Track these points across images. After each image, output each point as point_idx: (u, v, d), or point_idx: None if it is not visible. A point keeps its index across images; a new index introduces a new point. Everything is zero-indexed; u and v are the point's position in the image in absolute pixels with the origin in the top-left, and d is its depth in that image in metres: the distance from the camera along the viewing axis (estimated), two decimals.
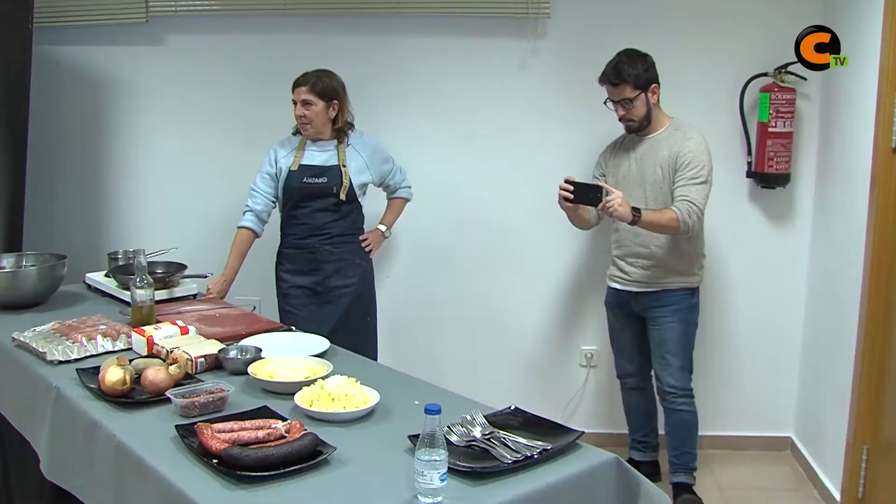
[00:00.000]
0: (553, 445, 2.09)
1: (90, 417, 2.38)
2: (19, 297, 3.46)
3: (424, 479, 1.82)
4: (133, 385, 2.46)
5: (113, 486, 2.25)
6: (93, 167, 4.57)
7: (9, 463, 3.32)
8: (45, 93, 4.32)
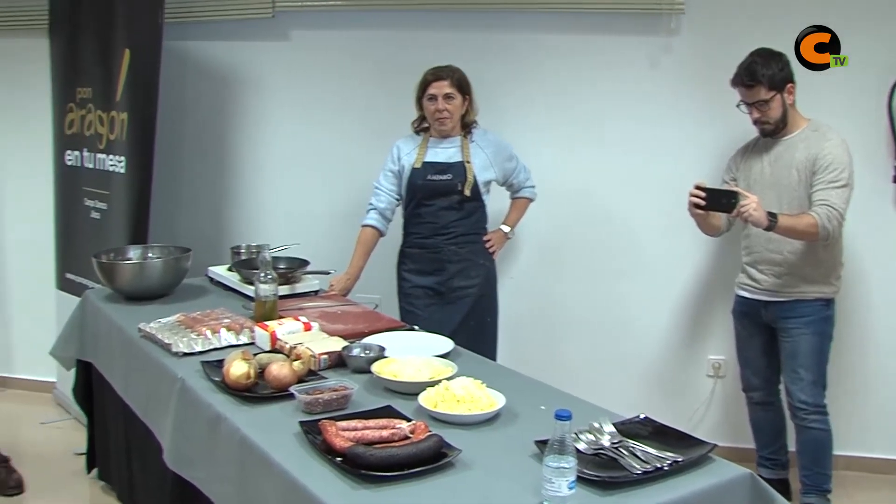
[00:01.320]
0: (684, 458, 2.03)
1: (214, 410, 2.44)
2: (145, 289, 3.59)
3: (552, 486, 1.80)
4: (257, 380, 2.51)
5: (236, 479, 2.30)
6: (217, 161, 4.69)
7: (132, 452, 3.44)
8: (172, 88, 4.45)
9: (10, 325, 5.45)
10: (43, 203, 5.01)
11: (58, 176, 4.89)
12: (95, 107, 4.52)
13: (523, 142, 4.13)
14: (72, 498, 4.00)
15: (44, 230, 5.03)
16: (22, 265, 5.35)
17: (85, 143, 4.62)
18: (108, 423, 3.73)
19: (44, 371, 5.25)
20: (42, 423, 4.90)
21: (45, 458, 4.36)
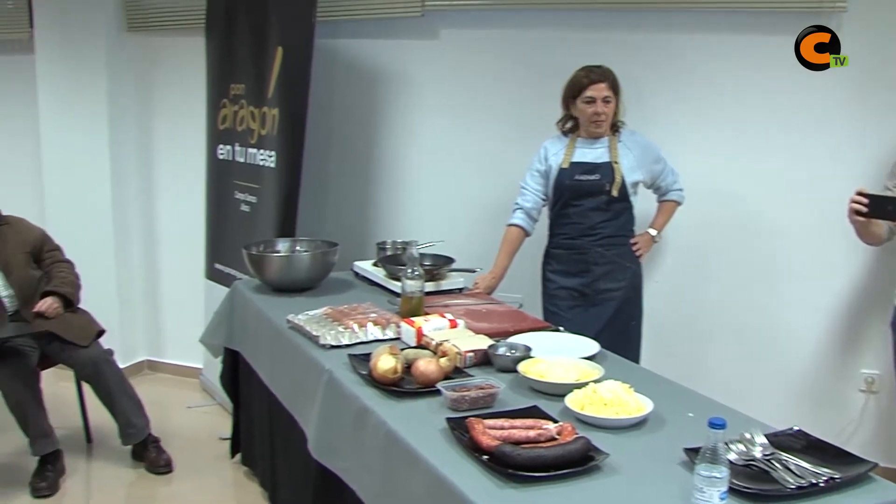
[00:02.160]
0: (841, 475, 1.96)
1: (361, 403, 2.49)
2: (292, 281, 3.69)
3: (703, 496, 1.77)
4: (403, 374, 2.55)
5: (380, 471, 2.34)
6: (364, 157, 4.78)
7: (276, 440, 3.53)
8: (322, 85, 4.54)
9: (161, 312, 5.70)
10: (195, 196, 5.22)
11: (210, 170, 5.07)
12: (248, 103, 4.66)
13: (671, 143, 4.05)
14: (216, 480, 4.15)
15: (195, 222, 5.24)
16: (173, 255, 5.59)
17: (237, 137, 4.77)
18: (253, 411, 3.85)
19: (191, 357, 5.47)
20: (189, 408, 5.10)
21: (190, 441, 4.55)
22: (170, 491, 4.08)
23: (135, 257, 5.60)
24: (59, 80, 5.38)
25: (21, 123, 5.70)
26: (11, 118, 5.80)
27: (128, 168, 5.46)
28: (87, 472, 4.31)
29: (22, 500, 3.94)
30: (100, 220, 5.41)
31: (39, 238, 4.42)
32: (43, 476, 4.02)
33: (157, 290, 5.69)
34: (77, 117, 5.36)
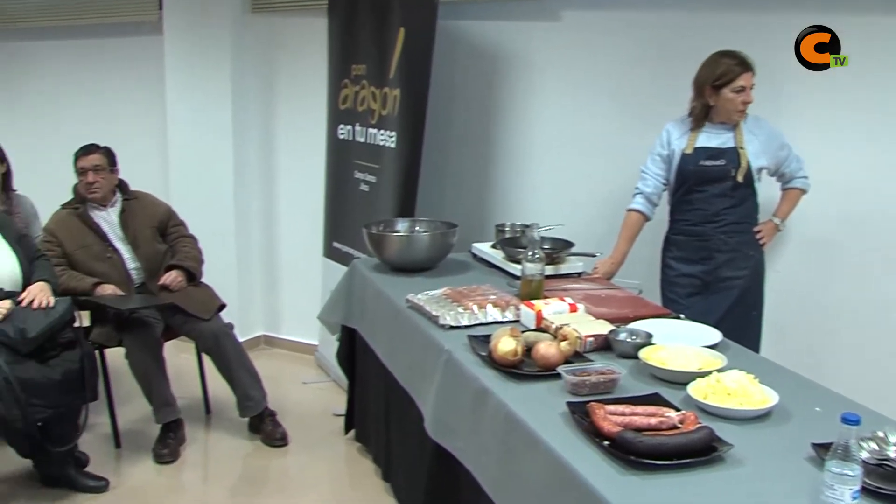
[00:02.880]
0: None
1: (480, 384, 2.51)
2: (411, 261, 3.74)
3: (833, 494, 1.73)
4: (523, 357, 2.55)
5: (498, 453, 2.36)
6: (483, 139, 4.79)
7: (391, 418, 3.59)
8: (443, 65, 4.56)
9: (279, 289, 5.83)
10: (314, 175, 5.31)
11: (330, 149, 5.15)
12: (369, 83, 4.71)
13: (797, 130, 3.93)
14: (329, 455, 4.24)
15: (314, 201, 5.34)
16: (292, 233, 5.71)
17: (357, 118, 4.84)
18: (369, 388, 3.92)
19: (307, 334, 5.59)
20: (304, 383, 5.21)
21: (305, 416, 4.65)
22: (284, 463, 4.18)
23: (254, 234, 5.74)
24: (185, 61, 5.55)
25: (149, 102, 5.90)
26: (140, 97, 6.01)
27: (250, 146, 5.60)
28: (205, 442, 4.45)
29: (146, 465, 4.11)
30: (222, 197, 5.56)
31: (166, 213, 4.58)
32: (165, 443, 4.17)
33: (275, 266, 5.82)
34: (202, 97, 5.53)
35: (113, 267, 4.28)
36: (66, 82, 6.46)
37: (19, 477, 3.92)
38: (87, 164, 4.32)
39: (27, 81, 6.69)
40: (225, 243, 5.51)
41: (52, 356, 3.59)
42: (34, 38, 6.56)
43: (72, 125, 6.14)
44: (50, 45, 6.50)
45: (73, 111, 6.38)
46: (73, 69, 6.40)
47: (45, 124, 6.53)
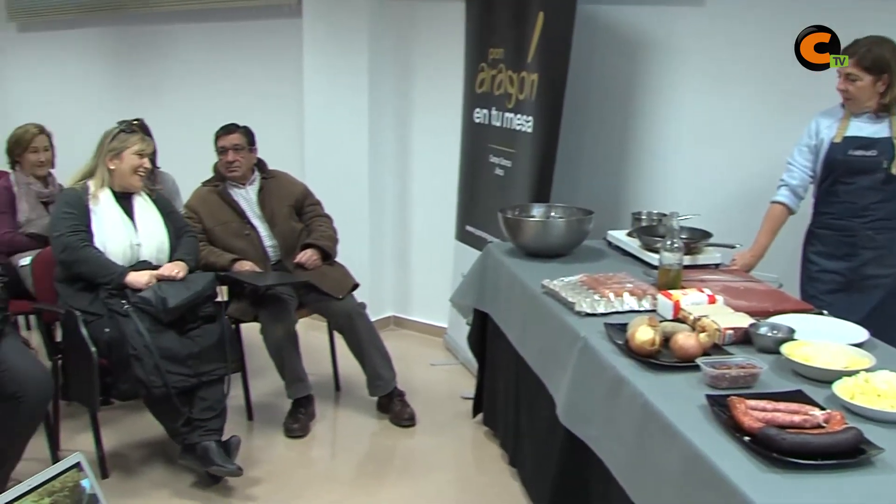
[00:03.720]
0: None
1: (616, 373, 2.49)
2: (547, 247, 3.74)
3: None
4: (661, 347, 2.52)
5: (632, 442, 2.34)
6: (621, 125, 4.74)
7: (521, 403, 3.59)
8: (581, 50, 4.51)
9: (410, 270, 5.91)
10: (448, 158, 5.35)
11: (465, 132, 5.18)
12: (506, 67, 4.72)
13: None
14: (456, 438, 4.28)
15: (447, 184, 5.38)
16: (425, 215, 5.77)
17: (494, 101, 4.84)
18: (499, 373, 3.93)
19: (437, 316, 5.64)
20: (432, 365, 5.27)
21: (433, 398, 4.70)
22: (411, 444, 4.24)
23: (388, 215, 5.82)
24: (323, 44, 5.67)
25: (287, 84, 6.05)
26: (279, 79, 6.16)
27: (385, 129, 5.68)
28: (334, 419, 4.55)
29: (277, 438, 4.23)
30: (356, 178, 5.66)
31: (302, 192, 4.69)
32: (296, 418, 4.28)
33: (407, 248, 5.89)
34: (339, 79, 5.63)
35: (250, 244, 4.41)
36: (206, 65, 6.68)
37: (158, 443, 4.09)
38: (227, 144, 4.46)
39: (170, 64, 6.94)
40: (358, 224, 5.61)
41: (193, 328, 3.74)
42: (176, 20, 6.82)
43: (212, 106, 6.34)
44: (191, 28, 6.74)
45: (214, 92, 6.60)
46: (214, 52, 6.61)
47: (186, 105, 6.77)
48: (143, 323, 3.60)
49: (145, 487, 3.76)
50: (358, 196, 5.66)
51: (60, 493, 2.05)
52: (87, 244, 3.74)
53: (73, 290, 3.76)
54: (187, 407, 3.68)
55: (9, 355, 3.41)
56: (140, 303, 3.65)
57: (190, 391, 3.69)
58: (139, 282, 3.71)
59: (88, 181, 3.90)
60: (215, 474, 3.68)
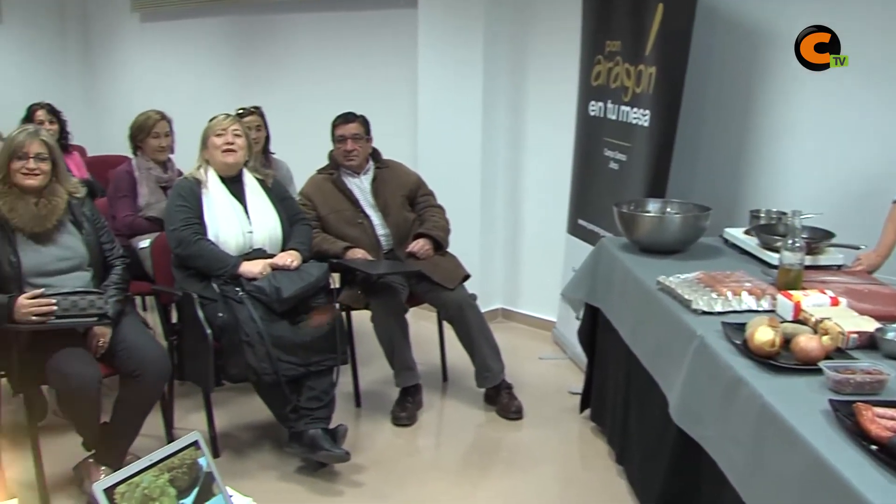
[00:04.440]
0: None
1: (734, 373, 2.43)
2: (662, 243, 3.69)
3: None
4: (780, 349, 2.46)
5: (749, 445, 2.29)
6: (740, 120, 4.61)
7: (631, 400, 3.55)
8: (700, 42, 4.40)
9: (520, 263, 5.89)
10: (562, 151, 5.31)
11: (580, 125, 5.13)
12: (623, 60, 4.65)
13: None
14: (562, 433, 4.25)
15: (560, 177, 5.34)
16: (536, 208, 5.74)
17: (609, 94, 4.79)
18: (608, 368, 3.89)
19: (546, 309, 5.62)
20: (540, 359, 5.24)
21: (540, 392, 4.68)
22: (517, 437, 4.23)
23: (499, 207, 5.81)
24: (438, 35, 5.69)
25: (401, 74, 6.10)
26: (393, 68, 6.22)
27: (498, 120, 5.67)
28: (441, 409, 4.57)
29: (383, 426, 4.29)
30: (468, 169, 5.67)
31: (415, 182, 4.72)
32: (403, 406, 4.32)
33: (517, 240, 5.88)
34: (453, 70, 5.64)
35: (363, 232, 4.45)
36: (321, 54, 6.78)
37: (266, 426, 4.18)
38: (346, 133, 4.51)
39: (285, 53, 7.07)
40: (469, 215, 5.61)
41: (304, 319, 3.80)
42: (292, 10, 6.95)
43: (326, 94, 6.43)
44: (307, 18, 6.87)
45: (328, 81, 6.70)
46: (329, 41, 6.70)
47: (301, 93, 6.89)
48: (257, 310, 3.68)
49: (254, 469, 3.85)
50: (469, 187, 5.67)
51: (179, 470, 2.10)
52: (200, 237, 3.84)
53: (188, 274, 3.87)
54: (296, 395, 3.74)
55: (129, 334, 3.53)
56: (254, 291, 3.73)
57: (299, 380, 3.76)
58: (253, 271, 3.79)
59: (199, 170, 4.01)
60: (323, 461, 3.73)
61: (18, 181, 3.46)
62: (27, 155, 3.45)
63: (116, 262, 3.72)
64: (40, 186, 3.49)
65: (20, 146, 3.46)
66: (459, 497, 3.66)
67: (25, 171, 3.45)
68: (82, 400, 3.36)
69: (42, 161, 3.48)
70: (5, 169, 3.47)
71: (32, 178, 3.46)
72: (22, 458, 3.57)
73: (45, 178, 3.51)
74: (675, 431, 2.81)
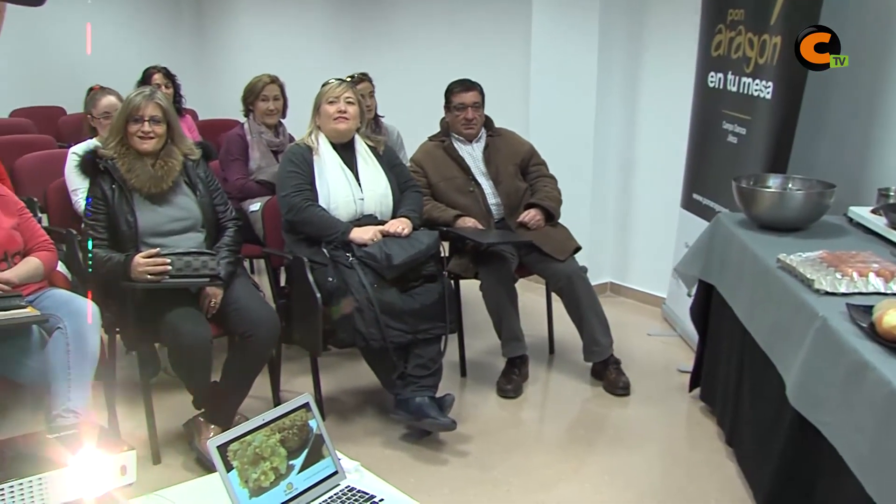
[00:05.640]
0: None
1: (859, 357, 2.33)
2: (782, 220, 3.57)
3: None
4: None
5: (874, 433, 2.20)
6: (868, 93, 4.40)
7: (744, 381, 3.46)
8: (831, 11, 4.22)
9: (631, 237, 5.80)
10: (678, 122, 5.18)
11: (697, 97, 5.00)
12: (746, 29, 4.49)
13: None
14: (670, 411, 4.17)
15: (675, 150, 5.22)
16: (649, 181, 5.64)
17: (730, 65, 4.64)
18: (721, 347, 3.80)
19: (655, 285, 5.54)
20: (649, 335, 5.16)
21: (647, 369, 4.62)
22: (623, 414, 4.17)
23: (610, 179, 5.73)
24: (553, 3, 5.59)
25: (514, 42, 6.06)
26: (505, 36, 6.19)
27: (612, 89, 5.57)
28: (546, 382, 4.54)
29: (488, 397, 4.29)
30: (581, 139, 5.59)
31: (528, 151, 4.67)
32: (509, 378, 4.30)
33: (628, 213, 5.78)
34: (568, 38, 5.57)
35: (474, 201, 4.43)
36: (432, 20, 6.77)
37: (371, 392, 4.23)
38: (466, 100, 4.49)
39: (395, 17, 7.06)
40: (580, 186, 5.54)
41: (414, 286, 3.80)
42: None
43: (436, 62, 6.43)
44: None
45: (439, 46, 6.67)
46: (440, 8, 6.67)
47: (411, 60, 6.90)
48: (367, 276, 3.69)
49: (359, 434, 3.89)
50: (581, 158, 5.59)
51: (290, 431, 2.12)
52: (310, 203, 3.87)
53: (298, 238, 3.91)
54: (402, 362, 3.76)
55: (241, 296, 3.59)
56: (365, 257, 3.74)
57: (406, 347, 3.77)
58: (363, 238, 3.81)
59: (310, 136, 4.03)
60: (427, 428, 3.75)
61: (135, 145, 3.55)
62: (142, 118, 3.54)
63: (229, 223, 3.79)
64: (155, 150, 3.57)
65: (136, 109, 3.55)
66: (565, 472, 3.62)
67: (141, 135, 3.54)
68: (193, 359, 3.43)
69: (157, 124, 3.56)
70: (122, 131, 3.56)
71: (147, 141, 3.55)
72: (134, 413, 3.68)
73: (160, 142, 3.59)
74: (792, 415, 2.72)
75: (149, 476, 3.16)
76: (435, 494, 3.36)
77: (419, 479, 3.50)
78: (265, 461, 2.03)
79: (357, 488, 2.18)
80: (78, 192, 4.13)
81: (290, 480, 2.08)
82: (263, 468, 2.02)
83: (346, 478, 2.22)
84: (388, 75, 5.60)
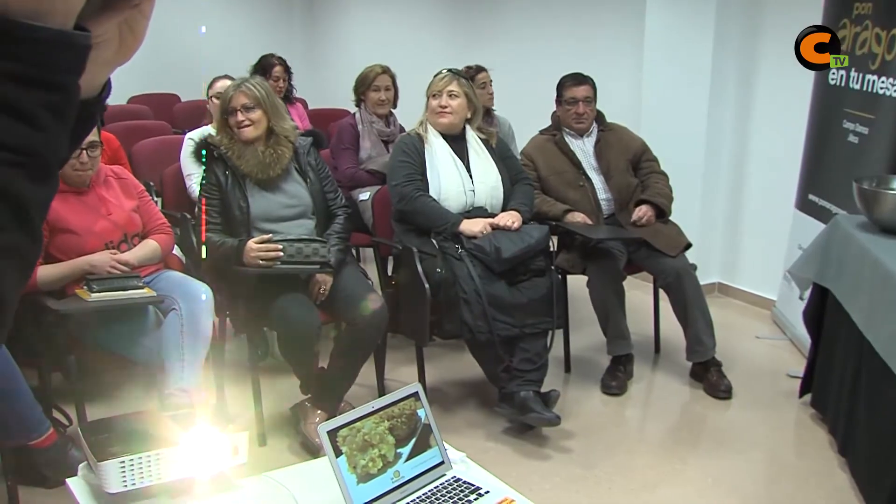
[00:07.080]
0: None
1: None
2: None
3: None
4: None
5: None
6: None
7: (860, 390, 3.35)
8: None
9: (741, 236, 5.68)
10: (794, 121, 5.04)
11: (817, 94, 4.85)
12: (873, 24, 4.34)
13: None
14: (776, 417, 4.07)
15: (790, 148, 5.08)
16: (762, 180, 5.51)
17: (854, 62, 4.47)
18: (835, 353, 3.69)
19: (766, 287, 5.41)
20: (757, 338, 5.05)
21: (754, 372, 4.52)
22: (726, 417, 4.09)
23: (722, 177, 5.62)
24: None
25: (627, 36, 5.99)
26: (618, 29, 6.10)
27: (727, 85, 5.45)
28: (651, 381, 4.49)
29: (592, 394, 4.26)
30: (693, 136, 5.49)
31: (640, 147, 4.61)
32: (614, 375, 4.26)
33: (739, 213, 5.66)
34: (682, 33, 5.48)
35: (584, 195, 4.39)
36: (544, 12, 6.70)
37: (475, 384, 4.23)
38: (578, 95, 4.45)
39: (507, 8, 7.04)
40: (691, 184, 5.43)
41: (522, 280, 3.79)
42: None
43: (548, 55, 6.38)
44: None
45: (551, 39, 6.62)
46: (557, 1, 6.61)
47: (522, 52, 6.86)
48: (476, 269, 3.69)
49: (461, 426, 3.89)
50: (693, 155, 5.49)
51: (399, 419, 2.13)
52: (421, 194, 3.89)
53: (408, 229, 3.92)
54: (508, 355, 3.74)
55: (350, 284, 3.63)
56: (474, 249, 3.74)
57: (512, 340, 3.75)
58: (473, 230, 3.80)
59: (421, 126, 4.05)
60: (532, 423, 3.73)
61: (237, 135, 3.62)
62: (234, 109, 3.61)
63: (339, 211, 3.83)
64: (256, 136, 3.63)
65: (227, 102, 3.64)
66: (669, 472, 3.57)
67: (238, 125, 3.60)
68: (302, 344, 3.48)
69: (249, 111, 3.61)
70: (225, 123, 3.64)
71: (245, 129, 3.61)
72: (242, 396, 3.75)
73: (259, 127, 3.64)
74: None
75: (255, 458, 3.21)
76: (536, 489, 3.34)
77: (521, 473, 3.48)
78: (373, 448, 2.05)
79: (463, 479, 2.18)
80: (192, 177, 4.23)
81: (398, 468, 2.08)
82: (371, 455, 2.04)
83: (453, 468, 2.22)
84: (500, 68, 5.56)
